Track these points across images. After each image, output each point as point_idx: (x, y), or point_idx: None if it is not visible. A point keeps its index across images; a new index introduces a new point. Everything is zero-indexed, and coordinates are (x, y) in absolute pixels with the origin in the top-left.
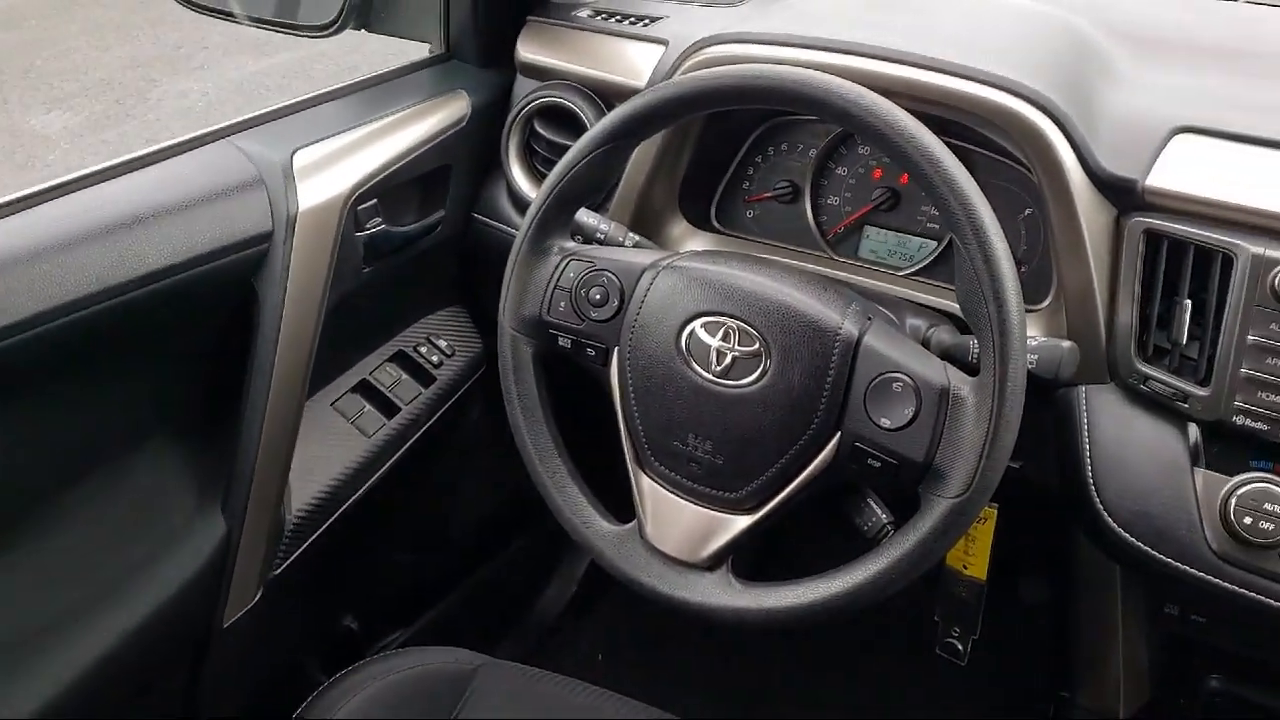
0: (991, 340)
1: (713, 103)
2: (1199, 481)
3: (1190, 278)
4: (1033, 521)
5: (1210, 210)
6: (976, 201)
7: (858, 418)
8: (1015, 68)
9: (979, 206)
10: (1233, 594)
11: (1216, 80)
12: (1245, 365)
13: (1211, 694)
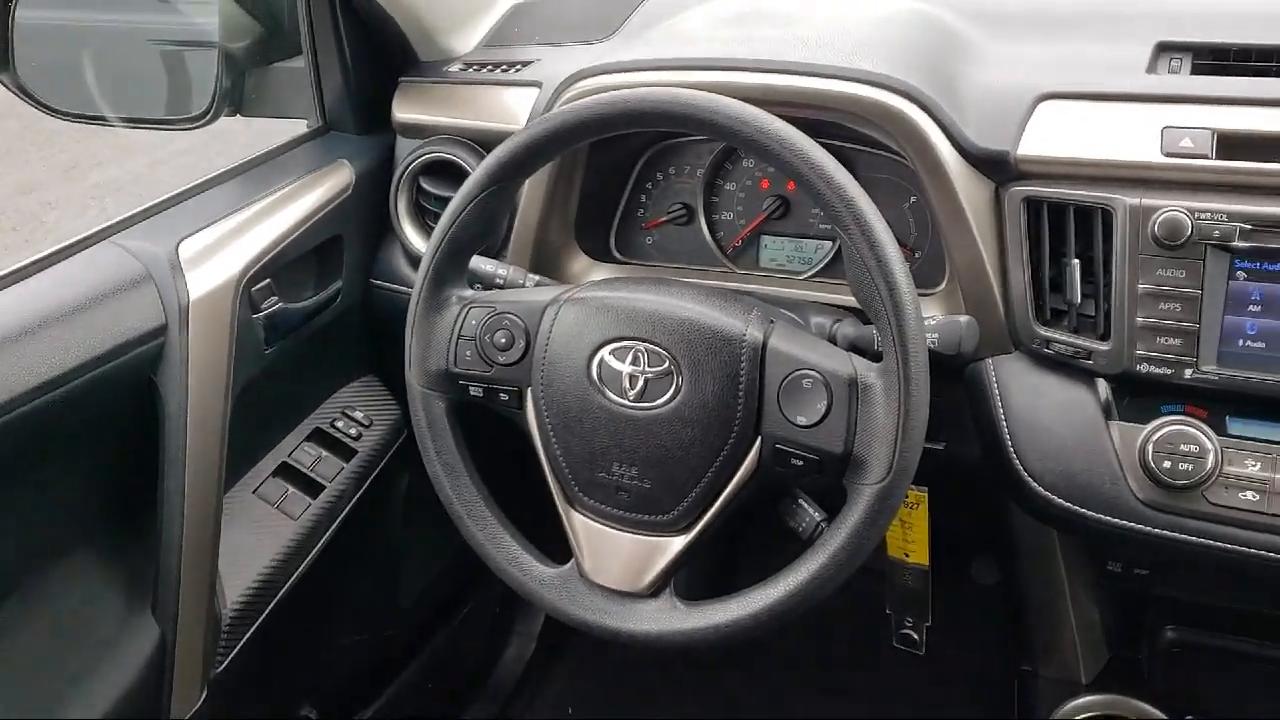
0: (889, 325)
1: (588, 132)
2: (1115, 434)
3: (1075, 238)
4: (967, 500)
5: (1083, 170)
6: (855, 194)
7: (775, 420)
8: (876, 61)
9: (858, 199)
10: (1163, 539)
11: (1070, 45)
12: (1140, 314)
13: (1169, 645)
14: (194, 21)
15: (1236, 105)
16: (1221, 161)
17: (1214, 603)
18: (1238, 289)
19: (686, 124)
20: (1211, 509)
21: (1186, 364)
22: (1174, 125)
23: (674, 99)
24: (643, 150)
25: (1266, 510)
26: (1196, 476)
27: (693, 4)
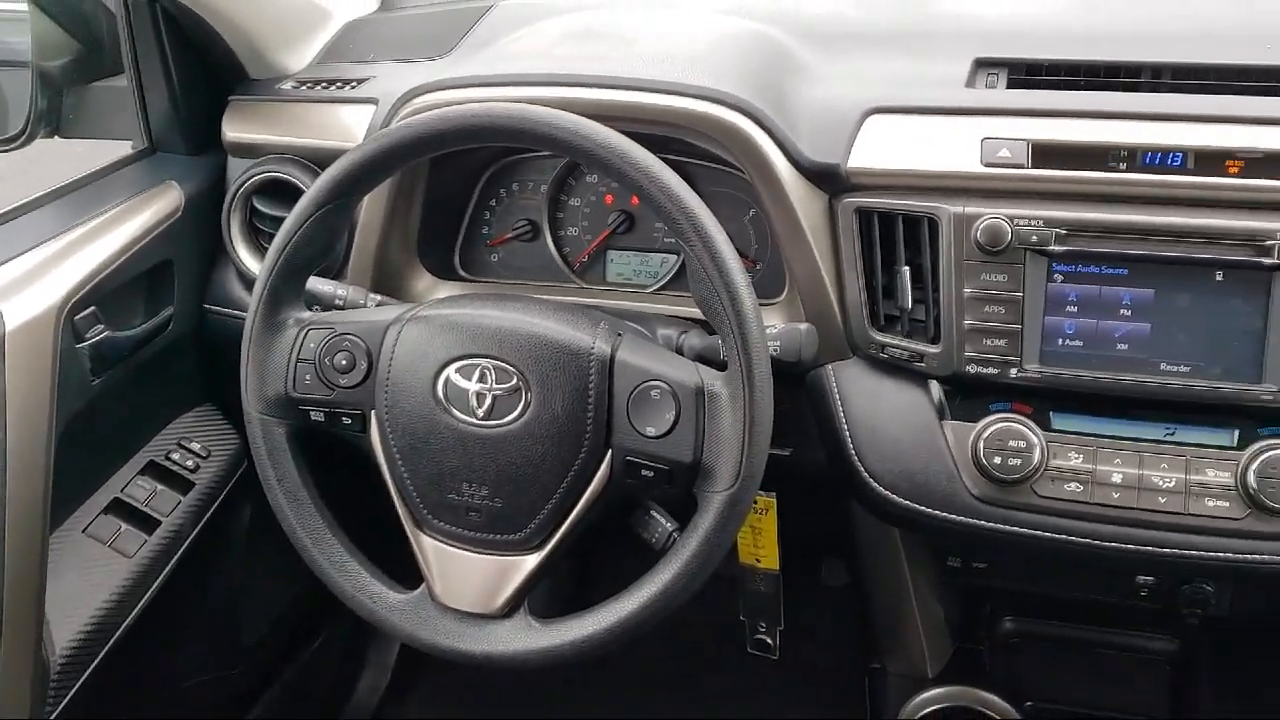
0: (733, 334)
1: (426, 148)
2: (949, 433)
3: (904, 246)
4: (815, 504)
5: (909, 180)
6: (696, 208)
7: (624, 432)
8: (712, 77)
9: (699, 212)
10: (997, 532)
11: (895, 62)
12: (967, 318)
13: (1008, 635)
14: (4, 40)
15: (1050, 117)
16: (1036, 170)
17: (1048, 592)
18: (1056, 291)
19: (526, 139)
20: (1040, 501)
21: (1012, 364)
22: (992, 137)
23: (512, 114)
24: (485, 167)
25: (1090, 500)
26: (1025, 471)
27: (531, 22)
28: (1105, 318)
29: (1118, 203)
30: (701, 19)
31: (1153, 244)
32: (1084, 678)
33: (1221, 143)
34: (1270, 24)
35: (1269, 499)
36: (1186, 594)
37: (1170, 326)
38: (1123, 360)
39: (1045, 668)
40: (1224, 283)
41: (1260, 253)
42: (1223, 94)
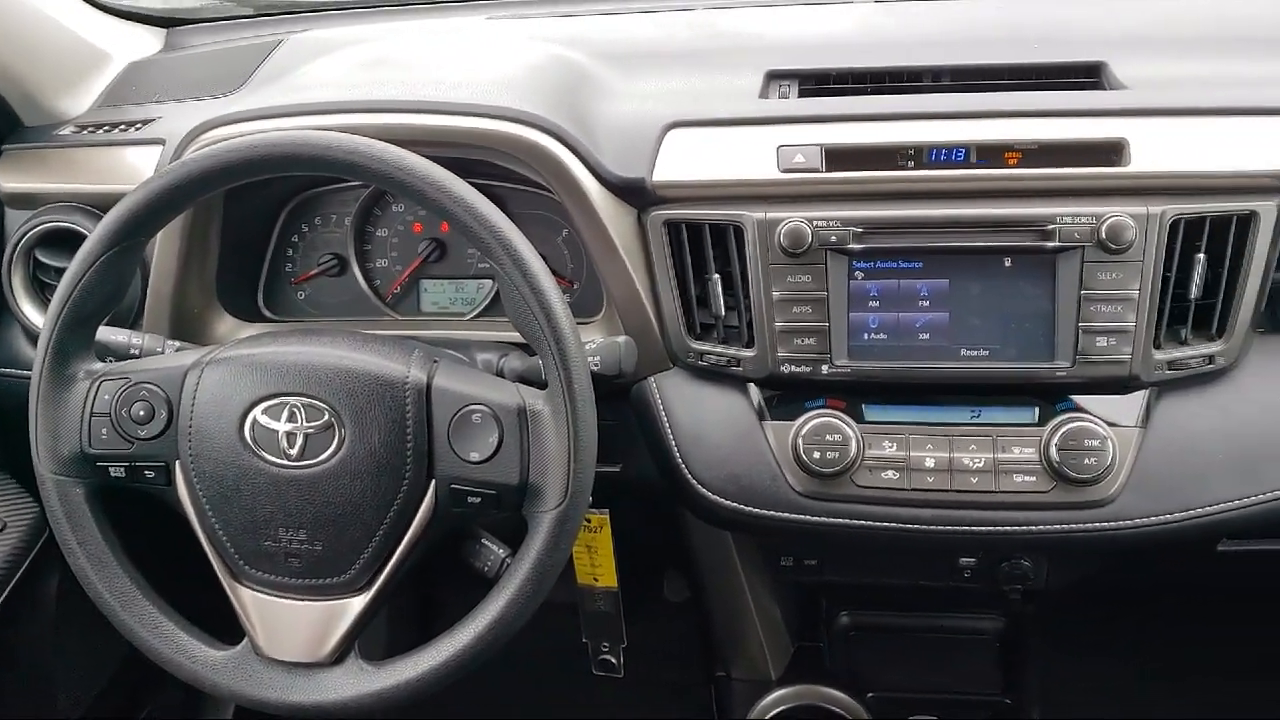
0: (552, 352)
1: (215, 182)
2: (770, 434)
3: (713, 254)
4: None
5: (712, 190)
6: (505, 229)
7: (447, 459)
8: (512, 98)
9: (509, 233)
10: (822, 526)
11: (691, 78)
12: (778, 320)
13: (845, 629)
14: None
15: (840, 122)
16: (831, 173)
17: (878, 583)
18: (858, 288)
19: (323, 167)
20: (860, 491)
21: (823, 361)
22: (787, 144)
23: (305, 140)
24: (284, 201)
25: (906, 487)
26: (843, 463)
27: (324, 54)
28: (906, 310)
29: (909, 199)
30: (500, 45)
31: (944, 236)
32: (920, 663)
33: (1000, 136)
34: (1034, 25)
35: (1071, 470)
36: (1006, 571)
37: (967, 314)
38: (925, 349)
39: (883, 658)
40: (1013, 268)
41: (1043, 237)
42: (998, 91)
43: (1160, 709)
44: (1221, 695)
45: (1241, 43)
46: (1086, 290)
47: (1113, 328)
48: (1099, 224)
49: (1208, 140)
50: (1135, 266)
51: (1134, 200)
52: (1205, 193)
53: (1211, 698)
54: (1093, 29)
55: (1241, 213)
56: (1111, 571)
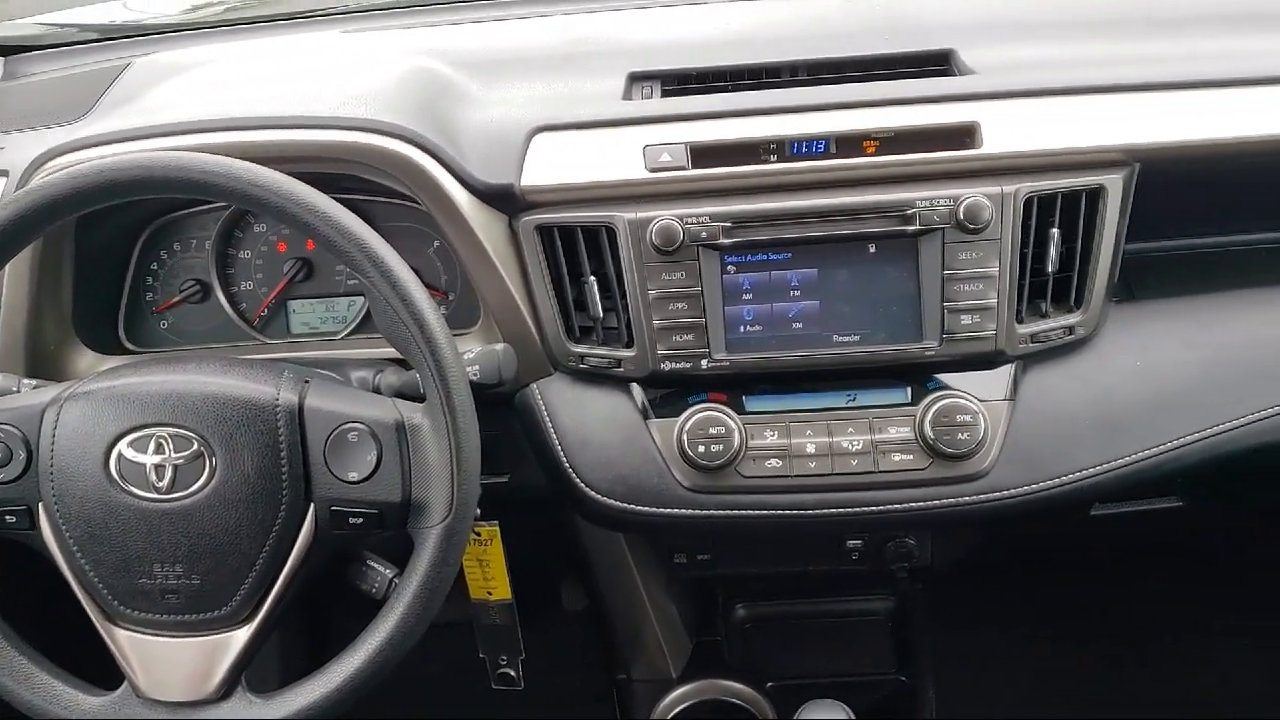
0: (427, 364)
1: (61, 210)
2: (655, 431)
3: (588, 256)
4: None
5: (581, 193)
6: (371, 241)
7: (325, 481)
8: (373, 110)
9: (375, 246)
10: (712, 519)
11: (554, 83)
12: (655, 318)
13: (742, 621)
14: None
15: (703, 120)
16: (697, 170)
17: (771, 572)
18: (731, 282)
19: (177, 187)
20: (745, 481)
21: (702, 356)
22: (653, 143)
23: (157, 162)
24: (141, 227)
25: (790, 473)
26: (727, 455)
27: (173, 76)
28: (779, 300)
29: (775, 192)
30: (355, 58)
31: (810, 226)
32: (817, 649)
33: (857, 126)
34: (884, 17)
35: (945, 446)
36: (892, 550)
37: (837, 301)
38: (800, 338)
39: (780, 646)
40: (878, 254)
41: (904, 221)
42: (854, 83)
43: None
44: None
45: (1082, 25)
46: (949, 271)
47: (976, 305)
48: (956, 206)
49: (1055, 119)
50: (993, 245)
51: (988, 181)
52: (1055, 170)
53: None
54: (940, 18)
55: (1090, 187)
56: (994, 545)
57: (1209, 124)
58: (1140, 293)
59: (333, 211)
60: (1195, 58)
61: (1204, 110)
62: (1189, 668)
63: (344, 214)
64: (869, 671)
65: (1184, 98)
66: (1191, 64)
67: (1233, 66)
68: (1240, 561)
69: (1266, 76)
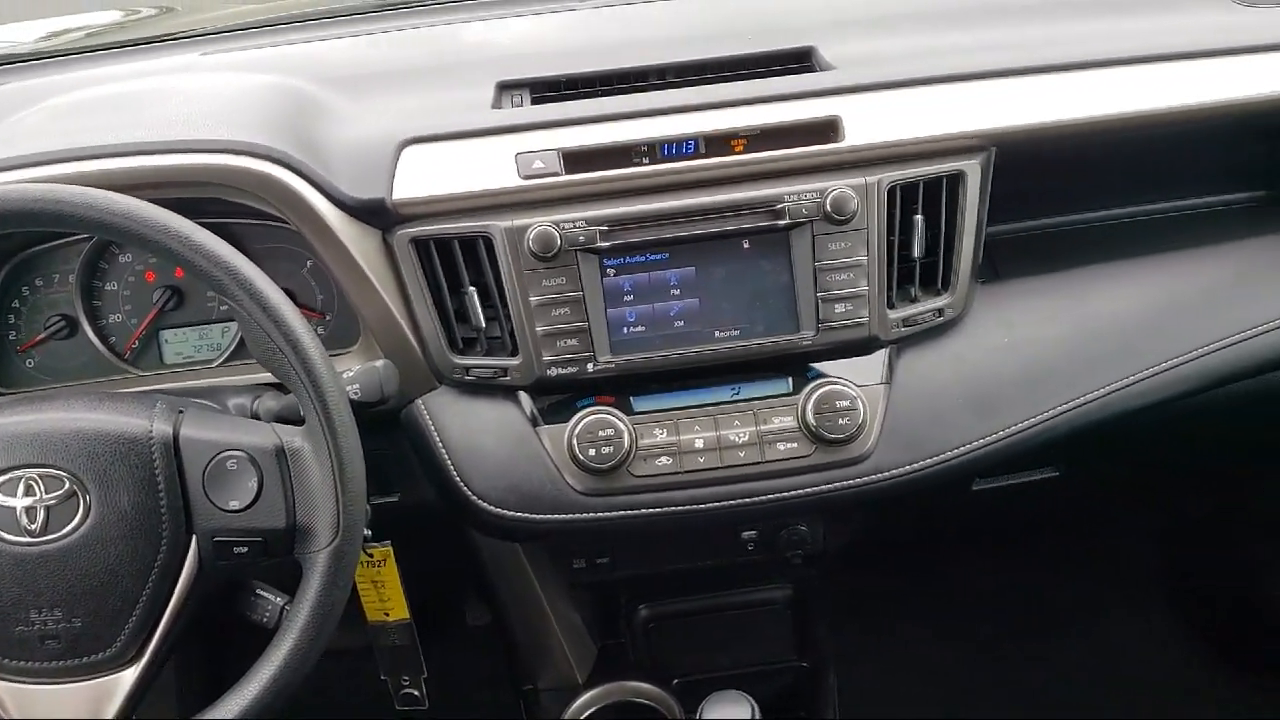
0: (304, 385)
1: None
2: (544, 438)
3: (466, 267)
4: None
5: (455, 204)
6: (238, 264)
7: (206, 511)
8: (234, 131)
9: (242, 268)
10: (607, 521)
11: (422, 96)
12: (538, 325)
13: (645, 622)
14: None
15: (574, 125)
16: (571, 175)
17: (671, 570)
18: (611, 284)
19: (31, 220)
20: (637, 481)
21: (588, 360)
22: (525, 151)
23: (8, 195)
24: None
25: (680, 470)
26: (618, 456)
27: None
28: (659, 300)
29: (649, 193)
30: (217, 80)
31: (685, 225)
32: (720, 642)
33: (725, 125)
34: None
35: (828, 431)
36: (785, 538)
37: (716, 297)
38: (682, 336)
39: (685, 643)
40: (752, 249)
41: (774, 216)
42: (720, 83)
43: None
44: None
45: (936, 16)
46: (820, 262)
47: (848, 294)
48: (823, 198)
49: (913, 109)
50: (861, 234)
51: (853, 172)
52: (916, 158)
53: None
54: (800, 17)
55: (950, 173)
56: (884, 526)
57: (1059, 106)
58: (1005, 272)
59: (196, 236)
60: (1045, 43)
61: (1054, 93)
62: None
63: (207, 237)
64: (772, 660)
65: (1035, 82)
66: (1041, 50)
67: (1079, 50)
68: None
69: (1111, 58)
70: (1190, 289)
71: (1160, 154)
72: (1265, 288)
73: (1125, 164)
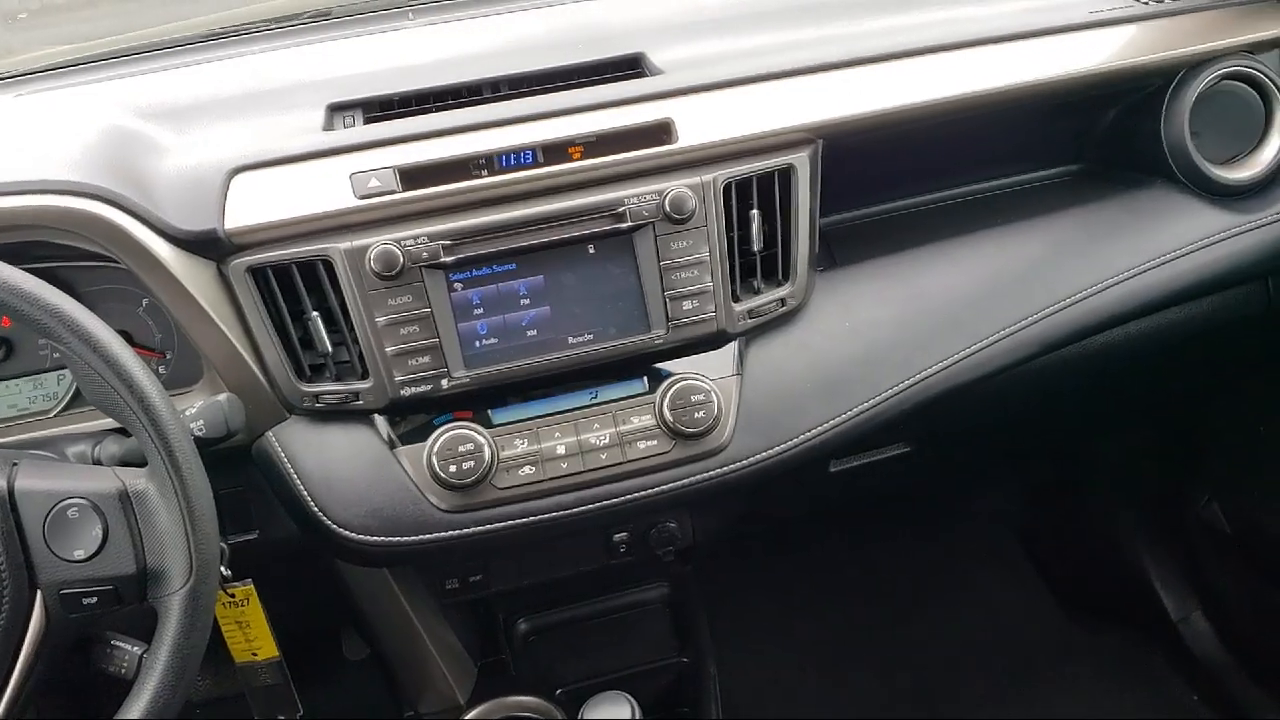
0: (144, 425)
1: None
2: (404, 460)
3: (308, 292)
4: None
5: (292, 229)
6: (66, 307)
7: (49, 564)
8: (54, 171)
9: (69, 311)
10: (474, 536)
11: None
12: (388, 345)
13: (525, 636)
14: None
15: (409, 142)
16: (409, 192)
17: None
18: (459, 299)
19: None
20: (502, 493)
21: (441, 376)
22: (360, 170)
23: None
24: None
25: (544, 478)
26: (480, 470)
27: None
28: (510, 311)
29: (490, 205)
30: (27, 118)
31: (529, 235)
32: (601, 647)
33: (561, 134)
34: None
35: (685, 426)
36: (655, 537)
37: (566, 304)
38: (536, 345)
39: (566, 652)
40: (598, 254)
41: (616, 219)
42: (553, 93)
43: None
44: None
45: (759, 16)
46: (665, 261)
47: (694, 291)
48: (662, 199)
49: (741, 107)
50: (702, 232)
51: (689, 172)
52: (748, 155)
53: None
54: (628, 25)
55: (781, 167)
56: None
57: (879, 96)
58: (841, 259)
59: (17, 280)
60: (864, 36)
61: (874, 84)
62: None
63: (30, 281)
64: (653, 659)
65: (856, 74)
66: (860, 42)
67: (895, 41)
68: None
69: (924, 47)
70: (1014, 262)
71: (978, 135)
72: (1079, 258)
73: (946, 147)
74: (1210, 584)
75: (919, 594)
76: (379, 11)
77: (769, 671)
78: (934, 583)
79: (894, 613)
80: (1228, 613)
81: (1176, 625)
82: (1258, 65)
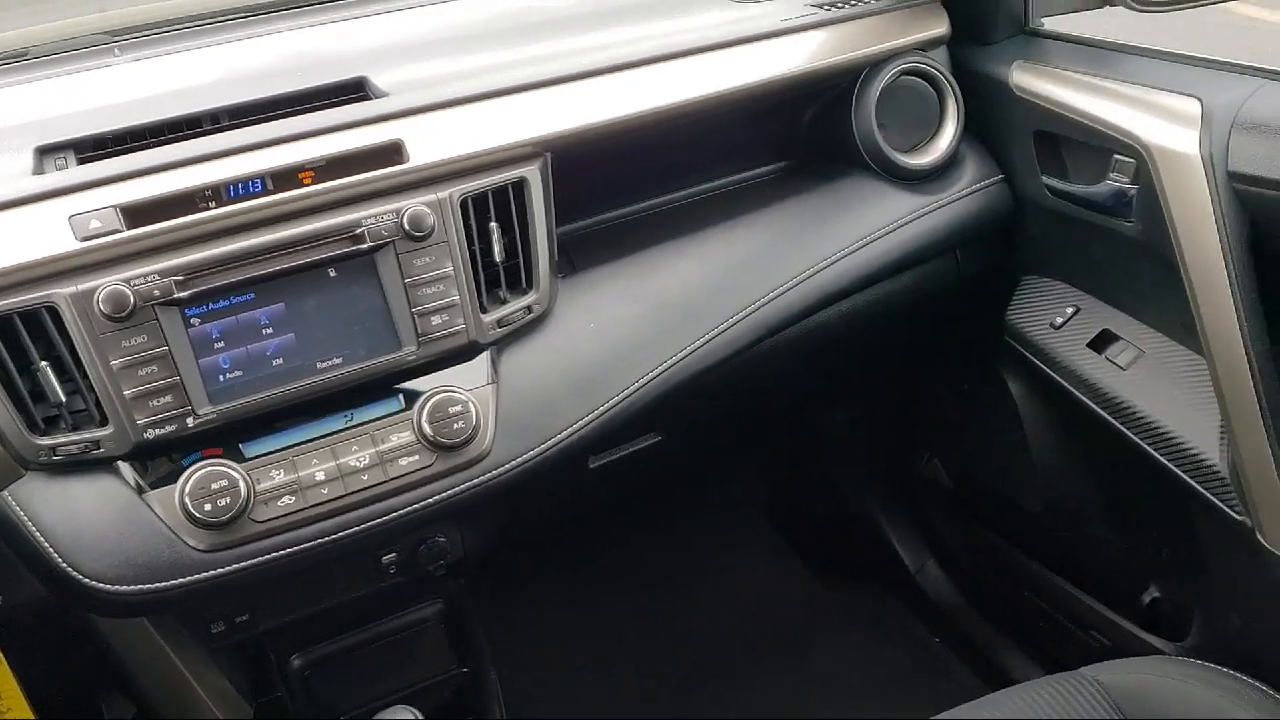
0: None
1: None
2: (154, 504)
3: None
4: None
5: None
6: None
7: None
8: None
9: None
10: (237, 574)
11: None
12: (125, 388)
13: (300, 670)
14: None
15: (129, 180)
16: (134, 230)
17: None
18: (198, 334)
19: None
20: (262, 527)
21: (186, 415)
22: (79, 212)
23: None
24: None
25: (306, 506)
26: (237, 506)
27: None
28: (253, 342)
29: (222, 237)
30: None
31: (265, 263)
32: (381, 672)
33: (290, 160)
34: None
35: (445, 438)
36: (425, 553)
37: (311, 329)
38: (283, 373)
39: (346, 681)
40: (340, 276)
41: (355, 241)
42: (278, 120)
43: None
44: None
45: (477, 38)
46: (409, 279)
47: (442, 305)
48: (400, 217)
49: (469, 125)
50: (443, 247)
51: (425, 190)
52: (480, 170)
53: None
54: (347, 50)
55: (513, 181)
56: (517, 520)
57: (600, 108)
58: (582, 264)
59: None
60: (583, 51)
61: (595, 96)
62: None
63: None
64: (435, 675)
65: (578, 88)
66: (581, 57)
67: (609, 55)
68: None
69: (638, 60)
70: (740, 253)
71: (698, 139)
72: (793, 246)
73: (670, 151)
74: (938, 534)
75: (683, 581)
76: (82, 50)
77: (548, 671)
78: (696, 569)
79: (662, 601)
80: (955, 559)
81: (914, 576)
82: (928, 61)
